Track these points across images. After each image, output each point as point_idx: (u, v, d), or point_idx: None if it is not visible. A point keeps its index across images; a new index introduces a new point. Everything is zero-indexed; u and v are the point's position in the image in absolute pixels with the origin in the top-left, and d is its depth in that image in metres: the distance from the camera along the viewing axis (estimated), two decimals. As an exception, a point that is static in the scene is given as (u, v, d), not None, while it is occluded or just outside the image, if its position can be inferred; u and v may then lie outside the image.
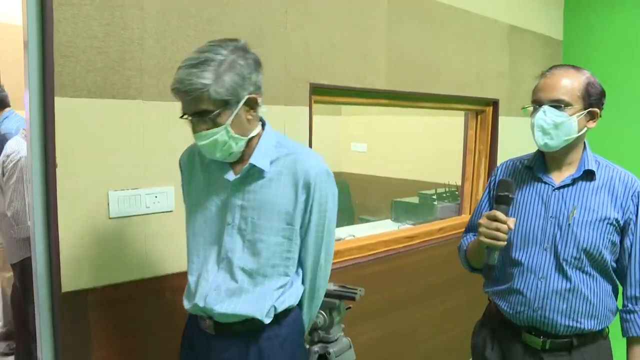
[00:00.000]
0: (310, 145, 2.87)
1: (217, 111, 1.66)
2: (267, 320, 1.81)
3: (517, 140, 1.88)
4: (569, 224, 1.95)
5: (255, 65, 1.74)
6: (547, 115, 1.90)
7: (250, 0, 2.57)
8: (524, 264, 2.01)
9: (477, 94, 4.00)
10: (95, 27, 2.11)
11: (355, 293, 2.25)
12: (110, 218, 2.19)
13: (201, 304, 1.81)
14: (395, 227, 4.63)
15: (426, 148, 5.91)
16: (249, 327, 1.82)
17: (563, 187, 1.99)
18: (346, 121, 6.95)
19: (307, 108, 2.84)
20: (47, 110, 2.02)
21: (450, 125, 5.37)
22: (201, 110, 1.66)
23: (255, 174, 1.80)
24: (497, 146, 4.17)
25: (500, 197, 1.91)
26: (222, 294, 1.80)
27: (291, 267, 1.86)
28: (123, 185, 2.21)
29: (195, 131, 1.72)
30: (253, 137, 1.80)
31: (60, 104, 2.04)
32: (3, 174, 3.52)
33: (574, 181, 1.99)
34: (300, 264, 1.90)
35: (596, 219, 1.94)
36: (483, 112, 4.17)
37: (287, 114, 2.75)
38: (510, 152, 2.20)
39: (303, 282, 1.92)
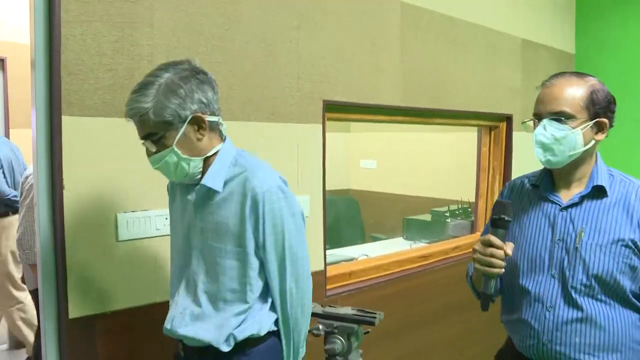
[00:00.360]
0: (324, 164, 2.79)
1: (161, 133, 1.66)
2: (225, 348, 1.75)
3: (531, 156, 1.77)
4: (576, 248, 1.75)
5: (200, 83, 1.69)
6: (547, 129, 1.74)
7: (261, 16, 2.51)
8: (531, 292, 1.82)
9: (490, 109, 3.92)
10: (103, 44, 2.05)
11: (375, 317, 2.16)
12: (118, 241, 2.13)
13: (168, 327, 1.83)
14: (408, 245, 4.55)
15: (438, 165, 5.82)
16: (213, 354, 1.77)
17: (571, 206, 1.80)
18: (355, 138, 6.87)
19: (321, 126, 2.77)
20: (54, 129, 1.96)
21: (462, 142, 5.29)
22: (147, 134, 1.68)
23: (211, 194, 1.76)
24: (512, 162, 4.09)
25: (495, 221, 1.73)
26: (186, 318, 1.79)
27: (250, 293, 1.76)
28: (132, 207, 2.14)
29: (147, 155, 1.74)
30: (211, 155, 1.76)
31: (68, 122, 1.98)
32: (22, 194, 3.45)
33: (582, 199, 1.79)
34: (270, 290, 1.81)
35: (608, 242, 1.73)
36: (497, 127, 4.09)
37: (299, 132, 2.68)
38: (525, 168, 2.10)
39: (276, 311, 1.82)
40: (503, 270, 1.71)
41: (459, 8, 3.58)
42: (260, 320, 1.78)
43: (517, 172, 3.99)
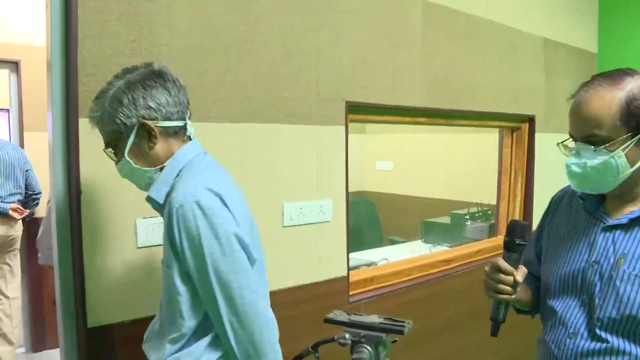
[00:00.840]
0: (347, 167, 2.71)
1: (114, 143, 1.62)
2: None
3: (555, 157, 1.65)
4: (611, 275, 1.50)
5: (148, 88, 1.57)
6: (581, 157, 1.49)
7: (281, 17, 2.44)
8: (557, 314, 1.63)
9: (512, 110, 3.83)
10: (121, 44, 1.99)
11: (404, 326, 2.07)
12: (137, 248, 2.07)
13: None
14: (427, 248, 4.49)
15: (456, 166, 5.74)
16: None
17: (616, 227, 1.54)
18: (370, 139, 6.80)
19: (343, 127, 2.70)
20: (71, 132, 1.91)
21: (480, 143, 5.21)
22: (105, 143, 1.65)
23: (159, 208, 1.63)
24: (534, 164, 3.98)
25: (507, 244, 1.59)
26: (151, 335, 1.74)
27: (181, 320, 1.55)
28: (151, 212, 2.06)
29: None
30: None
31: (85, 125, 1.89)
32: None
33: (632, 222, 1.51)
34: None
35: None
36: (519, 129, 4.00)
37: (321, 135, 2.61)
38: (548, 170, 2.01)
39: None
40: (513, 296, 1.59)
41: (480, 6, 3.50)
42: (196, 354, 1.58)
43: (539, 174, 3.93)
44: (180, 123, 1.63)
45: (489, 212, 4.68)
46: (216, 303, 1.51)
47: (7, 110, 5.34)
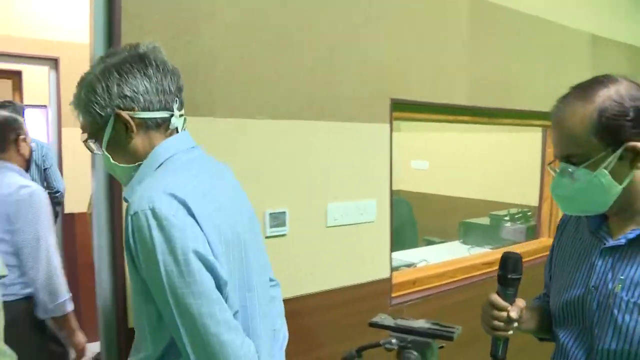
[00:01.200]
0: (391, 166, 2.64)
1: (94, 135, 1.44)
2: None
3: None
4: (609, 304, 1.37)
5: (125, 74, 1.37)
6: (563, 178, 1.39)
7: (325, 11, 2.38)
8: (560, 341, 1.54)
9: (558, 108, 3.71)
10: (163, 39, 1.93)
11: (453, 332, 2.00)
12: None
13: None
14: (465, 249, 4.40)
15: (495, 166, 5.62)
16: None
17: (615, 248, 1.40)
18: (405, 137, 6.70)
19: (387, 125, 2.63)
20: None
21: (520, 142, 5.10)
22: (87, 135, 1.46)
23: None
24: (579, 164, 3.86)
25: (502, 278, 1.51)
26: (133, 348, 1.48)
27: (145, 342, 1.36)
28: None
29: None
30: None
31: None
32: None
33: (631, 243, 1.37)
34: None
35: None
36: (564, 128, 3.87)
37: (365, 132, 2.54)
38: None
39: None
40: (510, 332, 1.51)
41: (526, 2, 3.39)
42: None
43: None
44: (163, 114, 1.42)
45: (529, 213, 4.57)
46: (176, 328, 1.27)
47: (45, 107, 5.37)
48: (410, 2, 2.71)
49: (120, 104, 1.38)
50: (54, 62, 4.79)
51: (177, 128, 1.47)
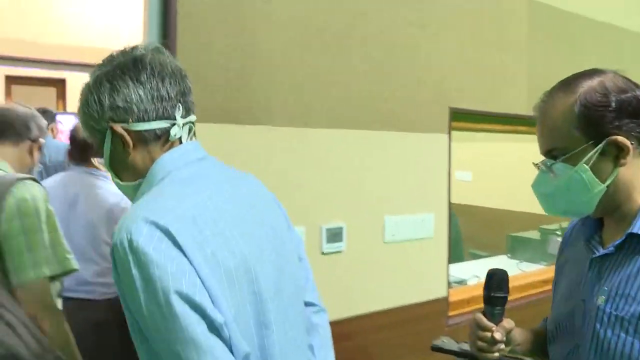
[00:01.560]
0: (449, 178, 2.51)
1: (97, 152, 1.31)
2: None
3: None
4: (593, 316, 1.25)
5: (116, 81, 1.21)
6: (545, 174, 1.30)
7: (382, 12, 2.27)
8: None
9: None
10: (219, 39, 1.85)
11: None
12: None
13: None
14: (514, 264, 4.23)
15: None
16: None
17: (605, 256, 1.27)
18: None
19: (446, 136, 2.50)
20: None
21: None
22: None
23: None
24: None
25: (487, 297, 1.41)
26: None
27: None
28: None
29: None
30: None
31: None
32: None
33: (618, 249, 1.25)
34: None
35: (634, 315, 1.18)
36: (624, 138, 3.70)
37: (423, 143, 2.42)
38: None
39: None
40: (496, 354, 1.39)
41: (585, 5, 3.24)
42: None
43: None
44: (161, 124, 1.23)
45: (583, 227, 4.38)
46: None
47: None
48: (469, 7, 2.58)
49: (114, 116, 1.21)
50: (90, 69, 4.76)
51: (180, 138, 1.27)
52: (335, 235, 2.11)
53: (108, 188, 2.56)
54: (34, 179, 1.92)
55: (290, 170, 2.01)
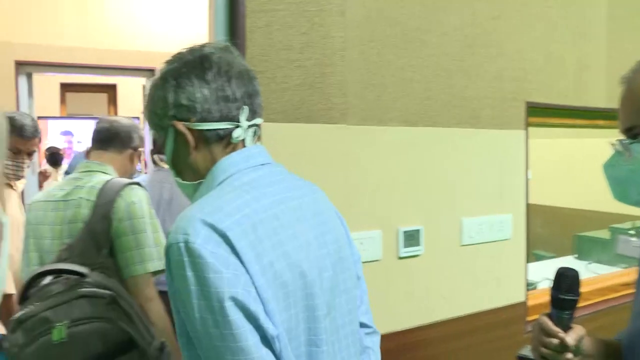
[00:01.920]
0: (527, 177, 2.38)
1: (160, 149, 1.27)
2: None
3: None
4: None
5: (181, 78, 1.19)
6: (620, 156, 1.18)
7: (461, 5, 2.14)
8: None
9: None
10: (292, 36, 1.75)
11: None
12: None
13: None
14: (582, 265, 4.04)
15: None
16: None
17: None
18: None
19: (523, 132, 2.36)
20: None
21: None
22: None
23: None
24: None
25: (554, 300, 1.26)
26: None
27: None
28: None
29: None
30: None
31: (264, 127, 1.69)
32: None
33: None
34: None
35: None
36: None
37: (500, 140, 2.28)
38: None
39: None
40: None
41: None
42: None
43: None
44: (224, 125, 1.19)
45: (658, 225, 4.17)
46: None
47: (138, 118, 5.36)
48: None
49: (177, 113, 1.18)
50: (150, 73, 4.75)
51: (244, 141, 1.22)
52: (412, 238, 1.99)
53: None
54: (139, 184, 2.10)
55: (366, 170, 1.90)
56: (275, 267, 1.06)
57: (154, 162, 3.11)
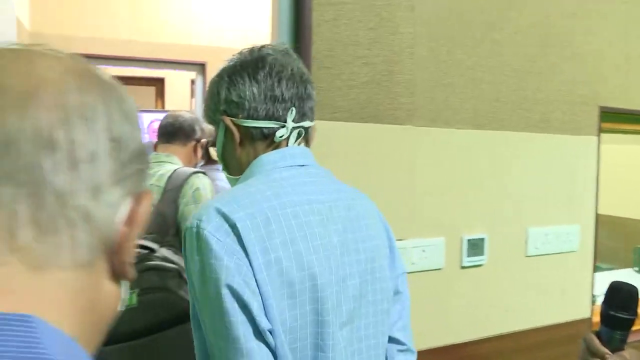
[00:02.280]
0: (597, 186, 2.25)
1: (213, 142, 1.35)
2: None
3: None
4: None
5: (234, 76, 1.22)
6: None
7: (535, 1, 2.02)
8: None
9: None
10: (359, 31, 1.67)
11: None
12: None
13: None
14: (642, 279, 3.87)
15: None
16: None
17: None
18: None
19: (595, 138, 2.23)
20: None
21: None
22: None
23: None
24: None
25: (605, 317, 1.14)
26: None
27: None
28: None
29: None
30: None
31: (330, 127, 1.64)
32: None
33: None
34: None
35: None
36: None
37: (570, 146, 2.16)
38: None
39: None
40: None
41: None
42: None
43: None
44: (268, 124, 1.20)
45: None
46: (212, 349, 1.09)
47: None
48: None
49: (227, 109, 1.23)
50: (201, 67, 4.72)
51: (287, 141, 1.23)
52: (476, 247, 1.89)
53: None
54: (203, 173, 2.27)
55: (431, 174, 1.81)
56: (282, 264, 1.06)
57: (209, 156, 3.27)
